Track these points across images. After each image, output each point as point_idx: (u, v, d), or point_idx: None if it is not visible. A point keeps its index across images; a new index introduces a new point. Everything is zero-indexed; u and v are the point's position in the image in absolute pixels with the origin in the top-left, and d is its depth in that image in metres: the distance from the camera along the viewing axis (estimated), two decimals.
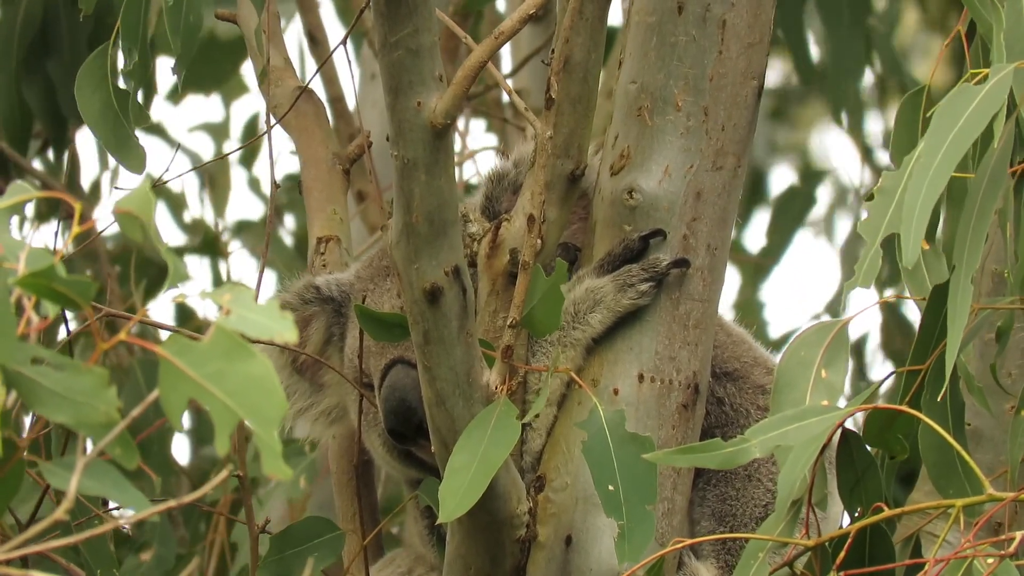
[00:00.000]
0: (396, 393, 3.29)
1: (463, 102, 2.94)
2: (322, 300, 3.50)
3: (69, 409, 2.05)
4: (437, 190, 2.94)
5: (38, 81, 4.46)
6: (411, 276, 2.98)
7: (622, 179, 3.25)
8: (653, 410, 3.21)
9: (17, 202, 2.13)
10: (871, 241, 2.62)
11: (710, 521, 3.35)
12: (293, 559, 3.35)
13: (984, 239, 2.60)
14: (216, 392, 2.03)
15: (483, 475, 2.96)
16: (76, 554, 3.38)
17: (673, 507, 3.23)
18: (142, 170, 3.50)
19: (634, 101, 3.26)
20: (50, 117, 4.49)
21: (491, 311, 3.20)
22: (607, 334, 3.24)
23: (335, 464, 3.65)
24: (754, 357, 3.49)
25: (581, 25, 3.14)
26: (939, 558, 2.53)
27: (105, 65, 3.47)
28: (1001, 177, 2.60)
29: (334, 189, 3.78)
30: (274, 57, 3.78)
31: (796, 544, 2.66)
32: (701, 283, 3.25)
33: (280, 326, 2.03)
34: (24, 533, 2.10)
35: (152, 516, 2.01)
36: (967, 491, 2.69)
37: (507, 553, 3.19)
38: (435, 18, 2.90)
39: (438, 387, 3.04)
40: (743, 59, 3.26)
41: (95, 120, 3.49)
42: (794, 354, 2.77)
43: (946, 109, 2.59)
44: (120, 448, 2.05)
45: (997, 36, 2.66)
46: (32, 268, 2.03)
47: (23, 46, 4.43)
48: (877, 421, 2.75)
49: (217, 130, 6.11)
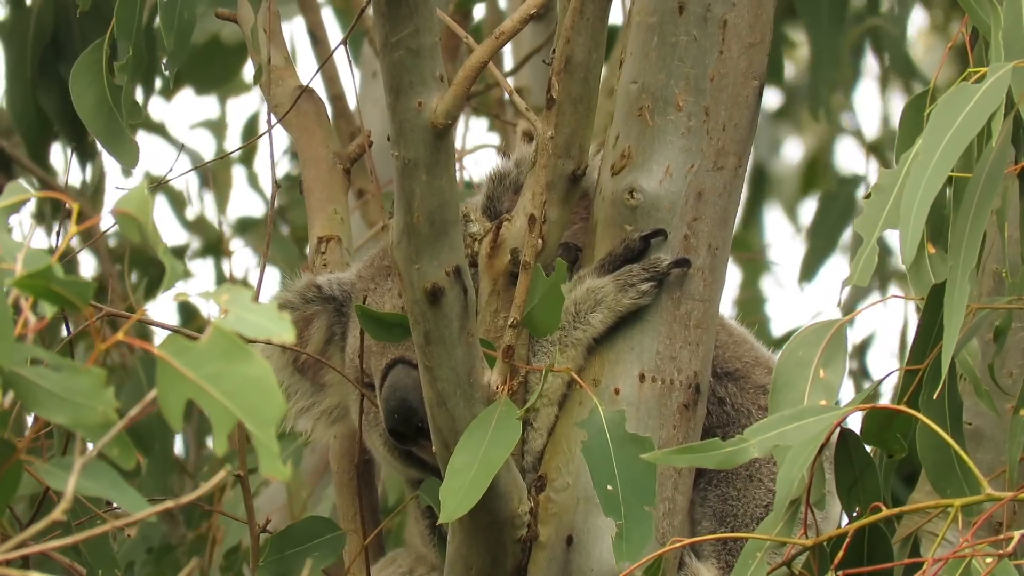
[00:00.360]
0: (397, 393, 3.29)
1: (464, 102, 2.94)
2: (323, 299, 3.50)
3: (67, 410, 2.05)
4: (438, 190, 2.94)
5: (54, 88, 4.46)
6: (412, 276, 2.98)
7: (623, 179, 3.25)
8: (654, 410, 3.21)
9: (14, 202, 2.13)
10: (868, 238, 2.62)
11: (711, 521, 3.34)
12: (293, 559, 3.35)
13: (981, 238, 2.60)
14: (214, 393, 2.03)
15: (484, 475, 2.97)
16: (77, 554, 3.39)
17: (674, 507, 3.23)
18: (135, 165, 3.51)
19: (635, 101, 3.26)
20: (68, 123, 4.49)
21: (492, 311, 3.20)
22: (608, 334, 3.24)
23: (336, 464, 3.65)
24: (755, 357, 3.48)
25: (582, 25, 3.14)
26: (937, 557, 2.53)
27: (100, 60, 3.48)
28: (998, 176, 2.60)
29: (335, 189, 3.78)
30: (275, 56, 3.78)
31: (794, 544, 2.65)
32: (702, 283, 3.25)
33: (278, 327, 2.03)
34: (23, 533, 2.10)
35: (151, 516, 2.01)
36: (965, 491, 2.69)
37: (508, 553, 3.19)
38: (436, 18, 2.90)
39: (439, 387, 3.05)
40: (744, 59, 3.26)
41: (89, 114, 3.50)
42: (792, 354, 2.77)
43: (944, 108, 2.59)
44: (118, 449, 2.05)
45: (995, 35, 2.66)
46: (29, 269, 2.03)
47: (37, 53, 4.44)
48: (876, 420, 2.75)
49: (217, 127, 6.11)
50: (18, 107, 4.46)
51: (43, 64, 4.42)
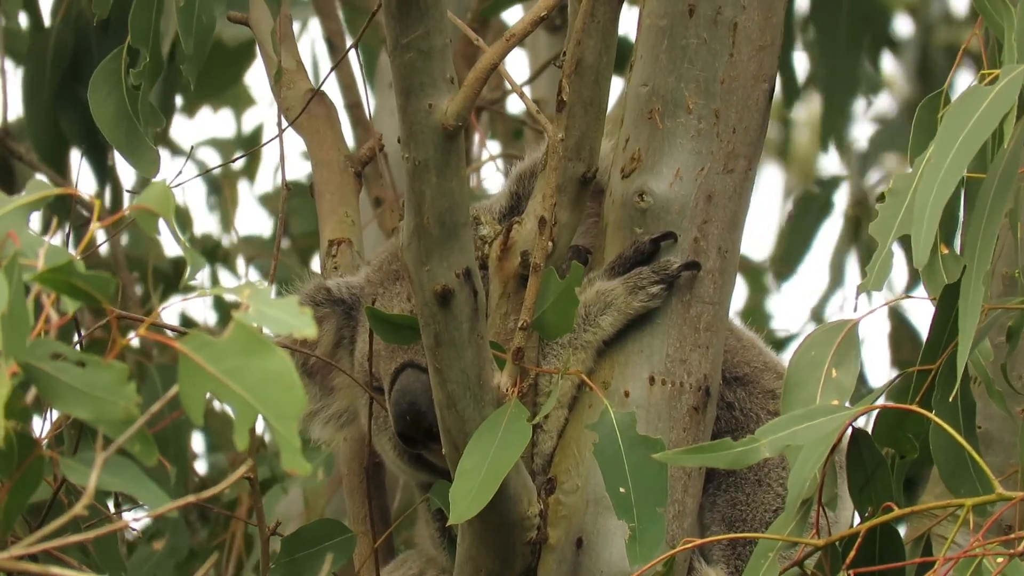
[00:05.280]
0: (406, 397, 3.28)
1: (474, 104, 2.94)
2: (333, 302, 3.50)
3: (89, 405, 2.05)
4: (448, 192, 2.94)
5: (73, 108, 4.46)
6: (422, 278, 2.99)
7: (633, 182, 3.25)
8: (664, 412, 3.21)
9: (36, 199, 2.13)
10: (882, 243, 2.63)
11: (720, 526, 3.34)
12: (304, 561, 3.35)
13: (995, 240, 2.60)
14: (235, 387, 2.03)
15: (494, 477, 2.97)
16: (85, 556, 3.39)
17: (684, 510, 3.23)
18: (155, 173, 3.50)
19: (645, 104, 3.26)
20: (88, 143, 4.50)
21: (502, 313, 3.20)
22: (618, 336, 3.24)
23: (346, 467, 3.65)
24: (764, 362, 3.48)
25: (593, 27, 3.14)
26: (948, 557, 2.53)
27: (119, 69, 3.48)
28: (1012, 178, 2.60)
29: (346, 192, 3.78)
30: (286, 60, 3.78)
31: (806, 544, 2.66)
32: (712, 286, 3.25)
33: (299, 321, 2.03)
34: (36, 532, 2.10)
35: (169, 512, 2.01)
36: (978, 490, 2.69)
37: (518, 555, 3.19)
38: (447, 20, 2.91)
39: (449, 389, 3.05)
40: (754, 62, 3.27)
41: (108, 124, 3.49)
42: (804, 354, 2.77)
43: (957, 110, 2.59)
44: (139, 444, 2.05)
45: (1008, 37, 2.66)
46: (51, 264, 2.03)
47: (56, 74, 4.44)
48: (887, 420, 2.75)
49: (224, 144, 6.11)
50: (37, 127, 4.46)
51: (63, 86, 4.42)
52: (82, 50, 4.44)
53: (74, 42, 4.44)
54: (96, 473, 1.95)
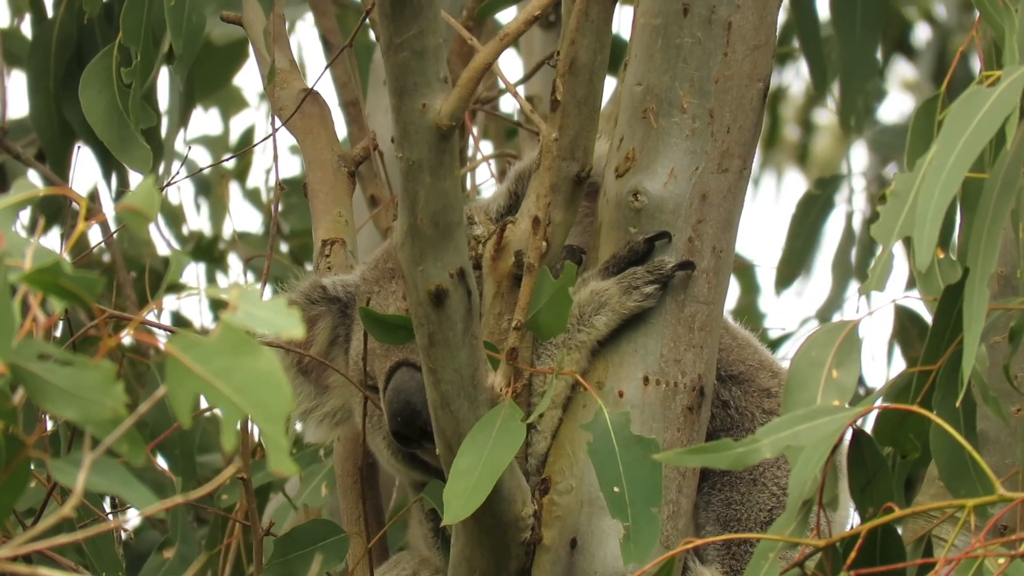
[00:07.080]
0: (401, 396, 3.28)
1: (468, 104, 2.93)
2: (328, 300, 3.49)
3: (76, 405, 2.04)
4: (442, 192, 2.93)
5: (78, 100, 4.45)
6: (416, 278, 2.98)
7: (627, 181, 3.25)
8: (658, 413, 3.21)
9: (23, 199, 2.12)
10: (884, 244, 2.61)
11: (715, 526, 3.34)
12: (297, 562, 3.35)
13: (999, 242, 2.59)
14: (222, 388, 2.02)
15: (488, 478, 2.96)
16: (80, 556, 3.38)
17: (678, 510, 3.23)
18: (148, 170, 3.50)
19: (639, 103, 3.26)
20: (93, 136, 4.49)
21: (496, 313, 3.20)
22: (612, 337, 3.23)
23: (340, 467, 3.65)
24: (759, 360, 3.48)
25: (587, 27, 3.13)
26: (950, 558, 2.52)
27: (110, 67, 3.47)
28: (1014, 179, 2.59)
29: (340, 191, 3.78)
30: (279, 59, 3.77)
31: (807, 544, 2.64)
32: (706, 285, 3.24)
33: (287, 322, 2.02)
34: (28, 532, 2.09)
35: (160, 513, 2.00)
36: (978, 491, 2.68)
37: (512, 556, 3.18)
38: (440, 20, 2.89)
39: (443, 389, 3.04)
40: (749, 61, 3.26)
41: (100, 121, 3.49)
42: (805, 354, 2.75)
43: (958, 112, 2.58)
44: (127, 445, 2.04)
45: (1009, 38, 2.65)
46: (38, 264, 2.02)
47: (60, 67, 4.42)
48: (889, 421, 2.74)
49: (215, 143, 6.09)
50: (42, 120, 4.44)
51: (67, 78, 4.41)
52: (86, 41, 4.42)
53: (77, 33, 4.42)
54: (84, 474, 1.93)
